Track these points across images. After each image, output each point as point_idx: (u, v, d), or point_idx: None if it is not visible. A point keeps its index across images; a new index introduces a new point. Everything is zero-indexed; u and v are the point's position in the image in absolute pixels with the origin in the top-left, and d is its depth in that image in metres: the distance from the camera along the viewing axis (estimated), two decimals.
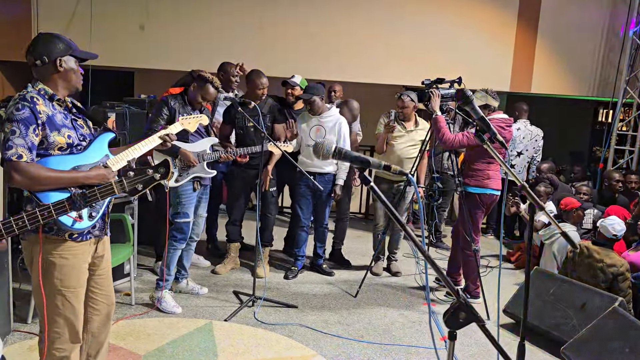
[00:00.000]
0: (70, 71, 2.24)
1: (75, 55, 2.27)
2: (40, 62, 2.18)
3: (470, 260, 4.30)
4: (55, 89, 2.23)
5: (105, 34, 7.20)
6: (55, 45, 2.20)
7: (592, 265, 3.86)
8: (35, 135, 2.10)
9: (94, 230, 2.29)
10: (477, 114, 1.90)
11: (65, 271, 2.20)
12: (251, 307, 3.99)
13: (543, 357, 3.57)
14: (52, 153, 2.16)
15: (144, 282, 4.34)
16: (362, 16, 7.12)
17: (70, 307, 2.23)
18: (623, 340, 3.05)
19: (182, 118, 3.18)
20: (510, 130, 4.24)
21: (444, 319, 1.27)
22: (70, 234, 2.19)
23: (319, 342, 3.53)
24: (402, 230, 1.37)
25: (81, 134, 2.30)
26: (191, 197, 3.87)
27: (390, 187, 4.88)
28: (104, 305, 2.47)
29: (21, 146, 2.05)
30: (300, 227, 4.78)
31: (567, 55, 6.93)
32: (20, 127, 2.06)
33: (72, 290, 2.23)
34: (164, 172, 1.93)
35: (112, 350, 3.18)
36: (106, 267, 2.46)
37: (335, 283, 4.71)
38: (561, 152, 9.20)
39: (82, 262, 2.27)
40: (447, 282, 1.37)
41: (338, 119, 4.68)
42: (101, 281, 2.43)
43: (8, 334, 3.24)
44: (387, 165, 1.47)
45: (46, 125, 2.13)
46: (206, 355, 3.23)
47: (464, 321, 1.29)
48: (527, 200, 1.82)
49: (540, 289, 3.94)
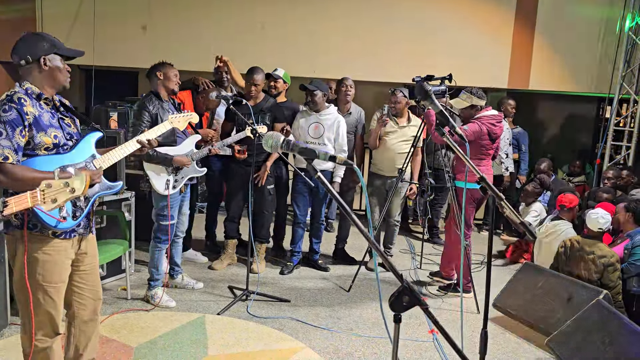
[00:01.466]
0: (56, 69, 2.27)
1: (60, 53, 2.29)
2: (25, 61, 2.21)
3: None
4: (42, 87, 2.26)
5: (108, 35, 7.33)
6: (39, 44, 2.23)
7: (584, 257, 3.90)
8: (22, 136, 2.14)
9: (78, 228, 2.35)
10: (437, 108, 1.96)
11: (47, 267, 2.26)
12: (244, 302, 4.07)
13: (529, 349, 3.62)
14: (39, 153, 2.21)
15: (141, 278, 4.43)
16: (361, 14, 7.18)
17: (50, 302, 2.29)
18: (604, 332, 3.10)
19: (172, 116, 3.19)
20: (501, 126, 4.29)
21: (389, 302, 1.33)
22: (54, 232, 2.26)
23: (308, 335, 3.61)
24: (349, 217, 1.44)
25: (68, 132, 2.35)
26: (176, 199, 3.94)
27: (384, 182, 4.94)
28: (90, 300, 2.53)
29: (7, 147, 2.09)
30: (297, 224, 4.86)
31: (564, 52, 6.94)
32: (7, 129, 2.10)
33: (54, 285, 2.29)
34: (79, 188, 1.75)
35: (105, 342, 3.28)
36: (91, 263, 2.51)
37: (329, 278, 4.79)
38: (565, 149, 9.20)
39: (65, 259, 2.32)
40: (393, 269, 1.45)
41: (337, 118, 4.75)
42: (86, 276, 2.49)
43: (5, 327, 3.35)
44: (333, 155, 1.54)
45: (33, 126, 2.17)
46: (197, 347, 3.32)
47: (408, 304, 1.36)
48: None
49: (529, 283, 3.98)
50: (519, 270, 4.20)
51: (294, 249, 4.90)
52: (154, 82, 3.84)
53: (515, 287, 4.07)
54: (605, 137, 6.64)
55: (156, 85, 3.83)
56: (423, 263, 5.29)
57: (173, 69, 3.86)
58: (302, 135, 4.73)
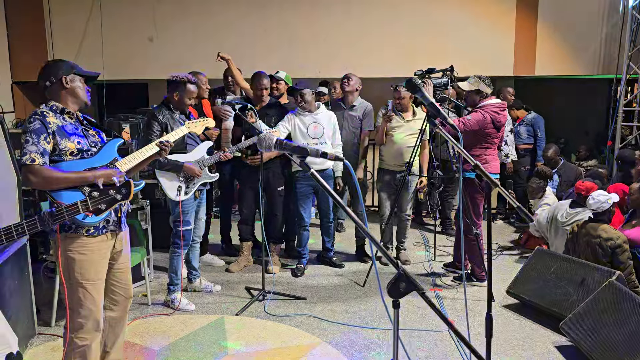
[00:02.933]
0: (77, 87, 2.55)
1: (78, 73, 2.56)
2: (49, 82, 2.50)
3: (473, 245, 4.39)
4: (66, 104, 2.53)
5: (116, 49, 7.48)
6: (59, 66, 2.53)
7: (590, 242, 3.91)
8: (47, 142, 2.39)
9: (108, 225, 2.53)
10: (427, 100, 2.02)
11: (84, 265, 2.45)
12: (262, 301, 4.16)
13: (544, 334, 3.64)
14: (65, 158, 2.44)
15: (160, 284, 4.54)
16: (364, 10, 7.23)
17: (91, 298, 2.48)
18: (618, 312, 3.11)
19: (189, 122, 3.33)
20: (505, 114, 4.31)
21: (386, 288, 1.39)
22: (87, 230, 2.44)
23: (325, 331, 3.68)
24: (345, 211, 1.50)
25: (92, 141, 2.57)
26: (192, 205, 4.04)
27: (393, 177, 4.99)
28: (122, 297, 2.73)
29: (34, 152, 2.34)
30: (303, 227, 4.87)
31: (569, 35, 6.91)
32: (33, 136, 2.37)
33: (92, 282, 2.48)
34: (125, 194, 2.12)
35: (127, 347, 3.39)
36: (124, 262, 2.71)
37: (344, 274, 4.85)
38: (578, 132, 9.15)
39: (101, 258, 2.52)
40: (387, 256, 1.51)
41: (330, 114, 4.81)
42: (120, 275, 2.68)
43: (33, 336, 3.48)
44: (324, 152, 1.60)
45: (56, 133, 2.42)
46: (217, 347, 3.42)
47: (404, 290, 1.42)
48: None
49: (541, 269, 4.01)
50: (531, 256, 4.22)
51: (302, 251, 4.91)
52: (170, 96, 3.92)
53: (529, 273, 4.10)
54: (615, 118, 6.59)
55: (171, 97, 3.93)
56: (437, 255, 5.32)
57: (192, 91, 3.90)
58: (302, 137, 4.68)
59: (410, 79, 2.11)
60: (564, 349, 3.42)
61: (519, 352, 3.39)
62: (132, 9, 7.59)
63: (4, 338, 1.99)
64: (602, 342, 3.06)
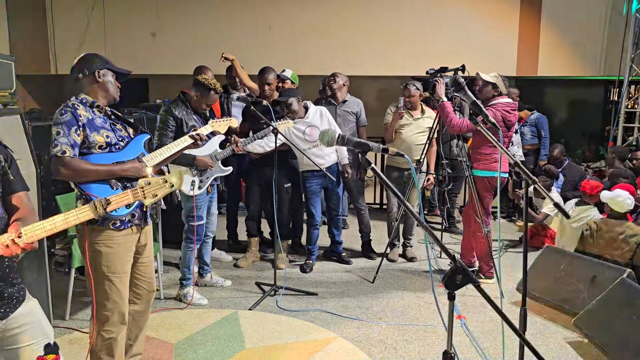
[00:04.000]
0: (108, 82, 2.57)
1: (111, 69, 2.59)
2: (82, 74, 2.53)
3: (482, 242, 4.43)
4: (96, 97, 2.55)
5: (118, 43, 7.45)
6: (94, 60, 2.56)
7: (614, 238, 3.99)
8: (77, 135, 2.40)
9: (133, 219, 2.53)
10: (470, 99, 2.05)
11: (111, 258, 2.46)
12: (273, 297, 4.18)
13: (556, 330, 3.70)
14: (94, 152, 2.45)
15: (170, 278, 4.54)
16: (367, 10, 7.25)
17: (117, 291, 2.49)
18: (630, 308, 3.17)
19: (213, 121, 3.35)
20: (516, 114, 4.36)
21: (442, 281, 1.42)
22: (113, 223, 2.45)
23: (339, 326, 3.71)
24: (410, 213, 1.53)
25: (120, 135, 2.57)
26: (205, 200, 4.05)
27: (401, 175, 5.03)
28: (145, 291, 2.74)
29: (65, 144, 2.36)
30: (314, 225, 4.86)
31: (572, 37, 6.99)
32: (64, 128, 2.38)
33: (118, 275, 2.49)
34: (176, 182, 2.11)
35: (145, 340, 3.39)
36: (149, 256, 2.71)
37: (352, 271, 4.88)
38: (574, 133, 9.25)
39: (127, 251, 2.53)
40: (444, 249, 1.54)
41: (320, 110, 4.70)
42: (144, 268, 2.69)
43: None
44: (385, 147, 1.63)
45: (86, 126, 2.44)
46: (234, 341, 3.43)
47: (461, 282, 1.45)
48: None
49: (551, 266, 4.06)
50: (540, 253, 4.27)
51: (312, 249, 4.91)
52: (191, 91, 3.92)
53: (538, 270, 4.15)
54: (616, 119, 6.68)
55: (190, 94, 3.93)
56: (442, 252, 5.36)
57: (212, 98, 3.91)
58: (302, 142, 4.56)
59: (454, 78, 2.15)
60: (576, 345, 3.48)
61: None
62: (135, 2, 7.56)
63: (42, 328, 2.00)
64: (617, 338, 3.12)
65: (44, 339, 1.99)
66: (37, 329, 1.99)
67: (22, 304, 1.95)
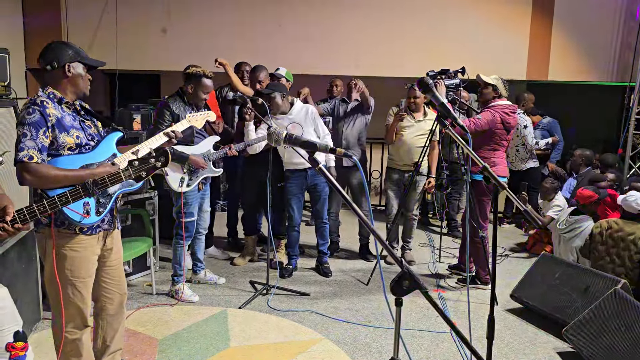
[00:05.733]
0: (78, 76, 2.41)
1: (83, 62, 2.43)
2: (50, 67, 2.34)
3: (478, 248, 4.38)
4: (64, 93, 2.40)
5: (130, 39, 7.51)
6: (64, 51, 2.37)
7: (624, 238, 3.95)
8: (46, 137, 2.26)
9: (102, 224, 2.48)
10: (438, 101, 2.02)
11: (75, 262, 2.38)
12: (265, 295, 4.18)
13: (546, 339, 3.63)
14: (62, 153, 2.33)
15: (165, 274, 4.57)
16: (378, 10, 7.20)
17: (79, 296, 2.42)
18: (621, 320, 3.10)
19: (190, 115, 3.31)
20: (515, 117, 4.30)
21: (389, 286, 1.40)
22: (81, 228, 2.38)
23: (327, 327, 3.69)
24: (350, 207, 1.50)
25: (89, 133, 2.47)
26: (195, 197, 4.06)
27: (401, 177, 4.99)
28: (116, 294, 2.67)
29: (32, 148, 2.21)
30: (292, 227, 4.68)
31: (584, 41, 6.86)
32: (31, 130, 2.23)
33: (82, 280, 2.42)
34: (164, 161, 2.11)
35: (131, 335, 3.42)
36: (116, 259, 2.64)
37: (349, 272, 4.86)
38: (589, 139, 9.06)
39: (91, 255, 2.45)
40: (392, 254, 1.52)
41: (307, 108, 4.56)
42: (112, 272, 2.62)
43: (38, 321, 3.52)
44: (333, 148, 1.60)
45: (55, 127, 2.29)
46: (219, 339, 3.44)
47: (408, 288, 1.42)
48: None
49: (546, 274, 3.99)
50: (536, 261, 4.20)
51: (292, 252, 4.75)
52: (185, 87, 3.92)
53: (533, 278, 4.08)
54: (627, 126, 6.54)
55: (186, 90, 3.92)
56: (442, 256, 5.31)
57: (207, 85, 3.88)
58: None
59: (421, 78, 2.11)
60: (566, 356, 3.41)
61: (520, 357, 3.39)
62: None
63: (13, 315, 2.03)
64: (605, 350, 3.05)
65: (14, 326, 2.01)
66: (9, 315, 2.02)
67: None
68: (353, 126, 5.06)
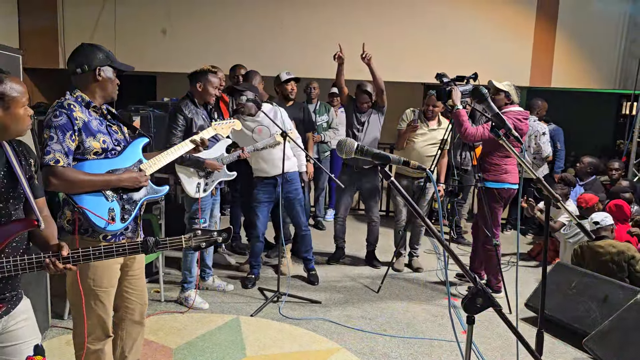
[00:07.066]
0: (108, 81, 2.35)
1: (113, 66, 2.37)
2: (81, 70, 2.29)
3: (491, 255, 4.34)
4: (92, 96, 2.33)
5: (128, 39, 7.39)
6: (95, 55, 2.31)
7: (602, 261, 3.91)
8: (72, 140, 2.21)
9: (126, 232, 2.39)
10: (493, 111, 1.97)
11: (98, 272, 2.31)
12: (276, 303, 4.10)
13: (565, 350, 3.60)
14: (88, 158, 2.27)
15: (172, 280, 4.47)
16: (382, 14, 7.17)
17: (102, 306, 2.35)
18: None
19: (215, 123, 3.20)
20: (527, 123, 4.28)
21: (462, 304, 1.34)
22: (104, 236, 2.30)
23: (343, 336, 3.62)
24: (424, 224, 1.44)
25: (116, 139, 2.40)
26: (209, 202, 3.98)
27: (411, 183, 4.94)
28: (137, 304, 2.58)
29: (58, 151, 2.17)
30: (256, 237, 4.44)
31: (587, 48, 6.89)
32: (58, 133, 2.18)
33: (104, 289, 2.35)
34: (226, 238, 2.04)
35: (144, 343, 3.30)
36: (139, 269, 2.56)
37: (357, 279, 4.79)
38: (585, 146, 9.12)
39: (114, 263, 2.36)
40: (466, 271, 1.45)
41: (276, 110, 4.32)
42: (134, 281, 2.54)
43: (46, 329, 3.40)
44: (407, 160, 1.54)
45: (82, 131, 2.24)
46: (235, 349, 3.35)
47: (481, 306, 1.36)
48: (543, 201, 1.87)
49: (561, 283, 3.96)
50: (551, 270, 4.17)
51: (254, 262, 4.51)
52: (194, 88, 3.85)
53: (548, 286, 4.03)
54: (631, 134, 6.57)
55: (194, 91, 3.86)
56: (449, 263, 5.27)
57: (214, 81, 3.84)
58: (248, 142, 4.20)
59: (476, 87, 2.05)
60: None
61: None
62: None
63: (35, 327, 1.95)
64: None
65: (35, 339, 1.93)
66: (32, 327, 1.96)
67: (21, 301, 1.92)
68: (368, 131, 4.96)
